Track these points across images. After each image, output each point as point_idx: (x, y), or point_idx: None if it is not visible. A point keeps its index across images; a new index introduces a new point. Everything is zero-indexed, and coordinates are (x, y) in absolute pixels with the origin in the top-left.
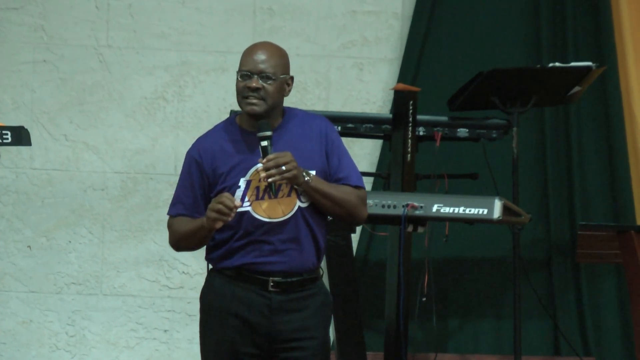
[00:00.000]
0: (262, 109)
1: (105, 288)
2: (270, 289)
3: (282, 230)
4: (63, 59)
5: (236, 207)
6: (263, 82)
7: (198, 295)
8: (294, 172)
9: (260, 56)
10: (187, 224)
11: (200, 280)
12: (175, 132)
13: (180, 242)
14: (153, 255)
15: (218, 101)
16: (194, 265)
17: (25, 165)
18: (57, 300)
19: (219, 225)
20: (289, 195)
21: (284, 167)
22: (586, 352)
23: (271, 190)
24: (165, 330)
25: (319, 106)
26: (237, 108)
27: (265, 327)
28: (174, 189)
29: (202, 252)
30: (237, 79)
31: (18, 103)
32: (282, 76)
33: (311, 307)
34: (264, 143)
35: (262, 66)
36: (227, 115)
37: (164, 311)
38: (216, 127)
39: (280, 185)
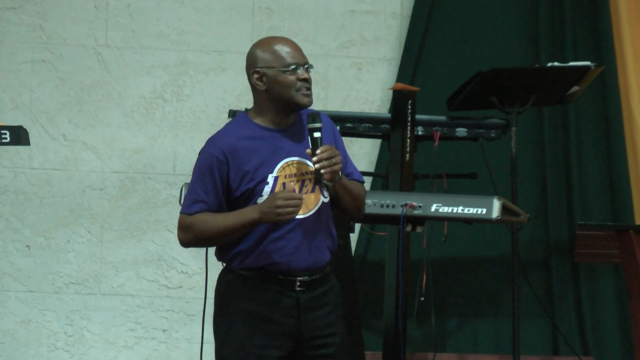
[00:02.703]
0: (312, 100)
1: (103, 288)
2: (297, 288)
3: (306, 226)
4: (62, 59)
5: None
6: (309, 73)
7: (197, 295)
8: (340, 165)
9: (298, 48)
10: (225, 219)
11: (199, 280)
12: (174, 132)
13: (210, 238)
14: (152, 255)
15: (216, 101)
16: (193, 265)
17: (24, 165)
18: (55, 300)
19: (287, 218)
20: (312, 191)
21: (333, 160)
22: (585, 351)
23: (319, 183)
24: (164, 330)
25: (317, 106)
26: (235, 107)
27: (294, 327)
28: (173, 188)
29: (201, 251)
30: (282, 74)
31: (17, 103)
32: None
33: (331, 302)
34: (317, 134)
35: (305, 58)
36: (226, 115)
37: (162, 311)
38: (230, 125)
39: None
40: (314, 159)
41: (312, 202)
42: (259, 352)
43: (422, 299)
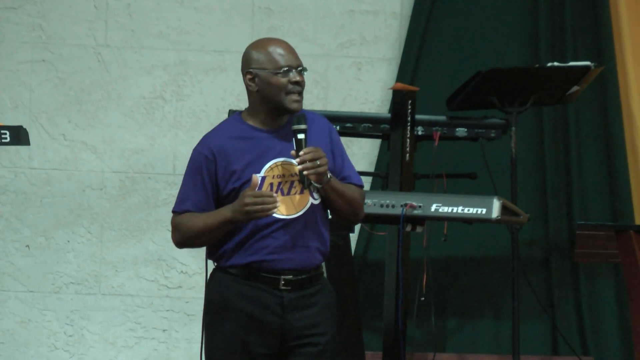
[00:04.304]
0: (302, 104)
1: (103, 287)
2: (282, 287)
3: (293, 227)
4: (61, 59)
5: (275, 197)
6: (303, 76)
7: (197, 294)
8: (326, 167)
9: (292, 50)
10: (205, 218)
11: (199, 280)
12: (174, 132)
13: (193, 237)
14: (151, 255)
15: (216, 100)
16: (193, 265)
17: (24, 165)
18: (55, 300)
19: (258, 216)
20: (301, 192)
21: (318, 162)
22: (584, 351)
23: (303, 184)
24: (163, 330)
25: (317, 106)
26: (235, 107)
27: (278, 325)
28: (172, 188)
29: (201, 251)
30: (273, 76)
31: (16, 102)
32: None
33: (319, 303)
34: (301, 136)
35: (299, 60)
36: (226, 115)
37: (162, 311)
38: (223, 125)
39: (309, 180)
40: (297, 160)
41: (301, 204)
42: (243, 349)
43: (422, 298)
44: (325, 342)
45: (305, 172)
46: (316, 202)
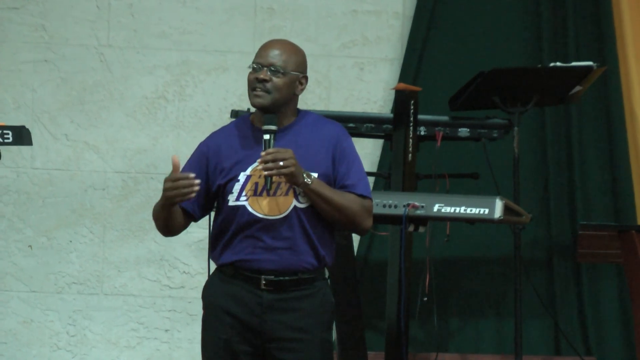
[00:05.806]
0: (266, 101)
1: (106, 288)
2: (263, 287)
3: (276, 228)
4: (64, 59)
5: (192, 180)
6: (272, 75)
7: (199, 295)
8: (292, 169)
9: (273, 50)
10: (157, 204)
11: (201, 280)
12: (176, 132)
13: (155, 220)
14: (154, 255)
15: (218, 101)
16: (195, 265)
17: (26, 165)
18: (57, 300)
19: (177, 200)
20: (286, 194)
21: (281, 163)
22: (587, 351)
23: (266, 185)
24: (166, 330)
25: (319, 106)
26: (237, 107)
27: (256, 325)
28: None
29: (203, 251)
30: (249, 71)
31: (19, 103)
32: (293, 72)
33: (307, 308)
34: (266, 136)
35: (272, 59)
36: (228, 115)
37: (164, 311)
38: (232, 122)
39: (277, 182)
40: (259, 160)
41: (284, 205)
42: (227, 347)
43: (425, 299)
44: (306, 349)
45: (265, 173)
46: (301, 205)
